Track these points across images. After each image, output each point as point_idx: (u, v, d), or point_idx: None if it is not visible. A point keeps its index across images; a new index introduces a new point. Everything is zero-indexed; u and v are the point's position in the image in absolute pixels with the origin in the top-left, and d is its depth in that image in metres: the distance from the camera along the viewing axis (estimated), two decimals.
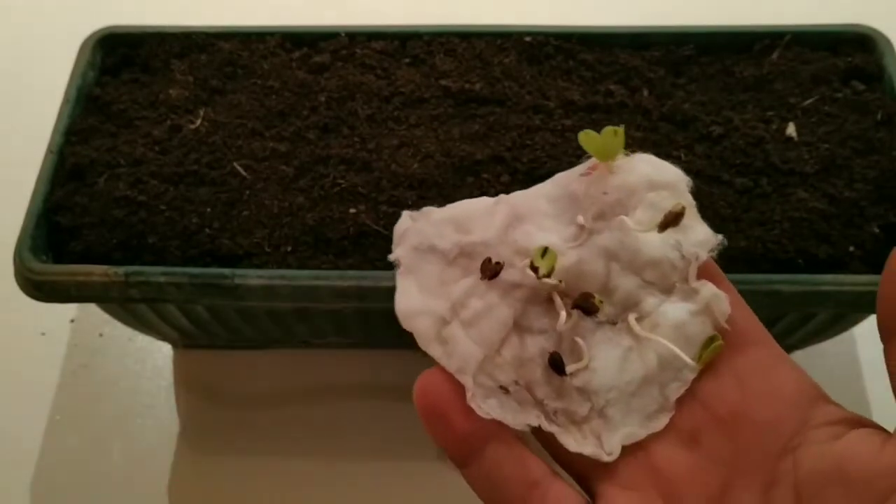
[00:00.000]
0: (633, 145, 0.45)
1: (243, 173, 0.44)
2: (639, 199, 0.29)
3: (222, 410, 0.51)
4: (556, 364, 0.28)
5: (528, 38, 0.50)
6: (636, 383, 0.28)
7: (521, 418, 0.28)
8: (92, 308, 0.49)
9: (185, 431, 0.51)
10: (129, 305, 0.45)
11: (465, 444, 0.27)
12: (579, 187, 0.29)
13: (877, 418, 0.52)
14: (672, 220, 0.29)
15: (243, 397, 0.52)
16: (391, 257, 0.29)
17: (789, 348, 0.52)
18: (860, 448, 0.25)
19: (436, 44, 0.50)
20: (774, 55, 0.49)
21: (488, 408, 0.27)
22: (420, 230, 0.30)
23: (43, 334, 0.55)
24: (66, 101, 0.48)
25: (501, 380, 0.28)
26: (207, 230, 0.43)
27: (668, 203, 0.29)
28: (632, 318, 0.28)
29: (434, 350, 0.28)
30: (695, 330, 0.28)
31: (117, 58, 0.51)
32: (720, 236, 0.29)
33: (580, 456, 0.28)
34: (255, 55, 0.50)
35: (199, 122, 0.47)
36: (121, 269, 0.41)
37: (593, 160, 0.30)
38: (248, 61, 0.49)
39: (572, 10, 0.70)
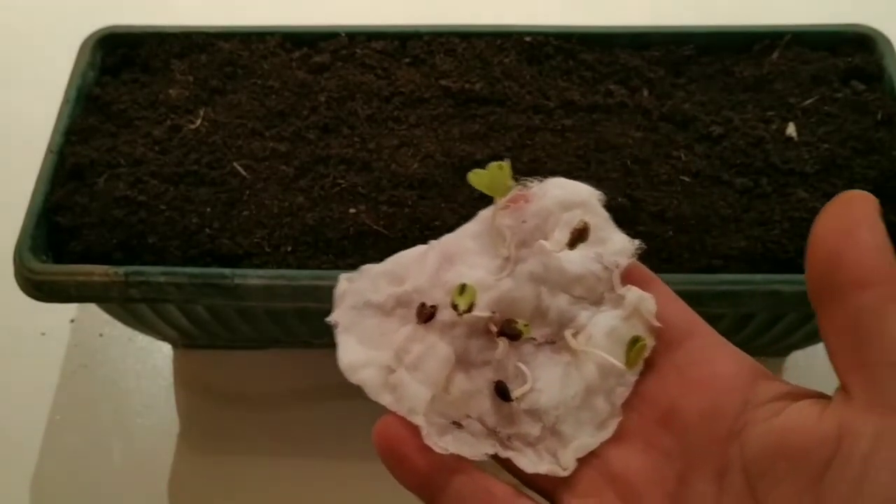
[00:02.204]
0: (632, 145, 0.45)
1: (243, 173, 0.44)
2: (555, 221, 0.30)
3: (222, 410, 0.51)
4: (501, 392, 0.29)
5: (528, 38, 0.50)
6: (580, 396, 0.29)
7: (478, 449, 0.29)
8: (92, 308, 0.49)
9: (185, 431, 0.51)
10: (129, 305, 0.45)
11: (429, 481, 0.28)
12: (500, 221, 0.31)
13: None
14: (578, 236, 0.30)
15: (243, 397, 0.52)
16: (328, 320, 0.30)
17: (789, 348, 0.52)
18: (799, 420, 0.25)
19: (436, 44, 0.50)
20: (774, 55, 0.49)
21: (444, 444, 0.28)
22: (356, 290, 0.31)
23: (43, 334, 0.55)
24: (66, 101, 0.48)
25: (453, 416, 0.29)
26: (207, 230, 0.43)
27: (584, 220, 0.30)
28: (567, 333, 0.30)
29: (384, 398, 0.29)
30: (627, 334, 0.29)
31: (117, 58, 0.51)
32: (637, 241, 0.30)
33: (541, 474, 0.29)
34: (255, 55, 0.50)
35: (199, 122, 0.47)
36: (121, 269, 0.41)
37: (513, 193, 0.31)
38: (248, 61, 0.49)
39: (572, 10, 0.70)
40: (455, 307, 0.29)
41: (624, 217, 0.43)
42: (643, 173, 0.44)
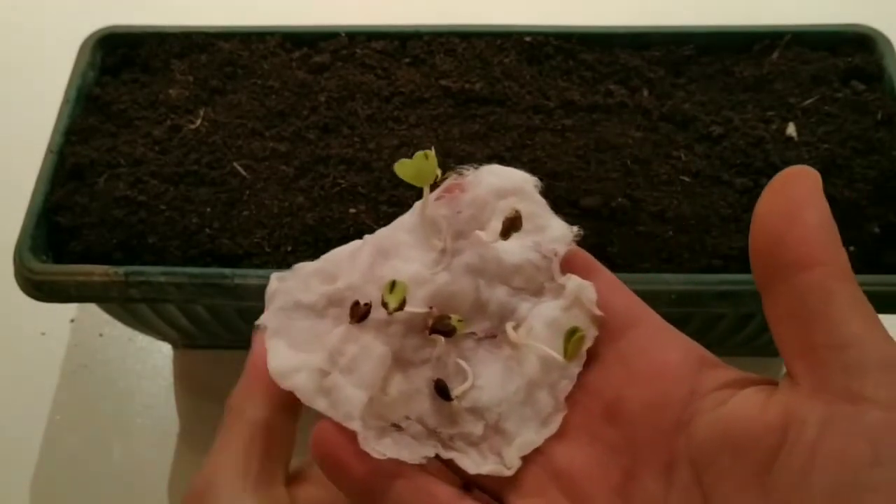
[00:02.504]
0: (632, 145, 0.45)
1: (243, 173, 0.44)
2: (491, 210, 0.29)
3: (222, 410, 0.51)
4: (441, 391, 0.28)
5: (528, 38, 0.50)
6: (523, 391, 0.28)
7: (418, 452, 0.28)
8: (92, 308, 0.49)
9: (185, 431, 0.51)
10: (129, 305, 0.45)
11: (369, 487, 0.28)
12: (435, 212, 0.29)
13: None
14: (510, 225, 0.29)
15: None
16: (257, 322, 0.29)
17: None
18: (745, 409, 0.25)
19: (436, 44, 0.50)
20: (774, 55, 0.49)
21: (383, 448, 0.27)
22: (286, 289, 0.30)
23: (43, 334, 0.55)
24: (66, 101, 0.48)
25: (392, 417, 0.28)
26: (207, 230, 0.43)
27: (519, 208, 0.29)
28: (508, 326, 0.29)
29: (319, 403, 0.28)
30: (568, 324, 0.28)
31: (117, 58, 0.51)
32: (575, 228, 0.29)
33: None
34: (255, 55, 0.50)
35: (199, 122, 0.47)
36: (121, 269, 0.41)
37: (447, 183, 0.30)
38: (248, 61, 0.49)
39: (572, 10, 0.70)
40: (385, 305, 0.28)
41: (624, 217, 0.43)
42: (643, 173, 0.44)
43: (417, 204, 0.30)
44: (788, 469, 0.23)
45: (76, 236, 0.43)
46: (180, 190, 0.44)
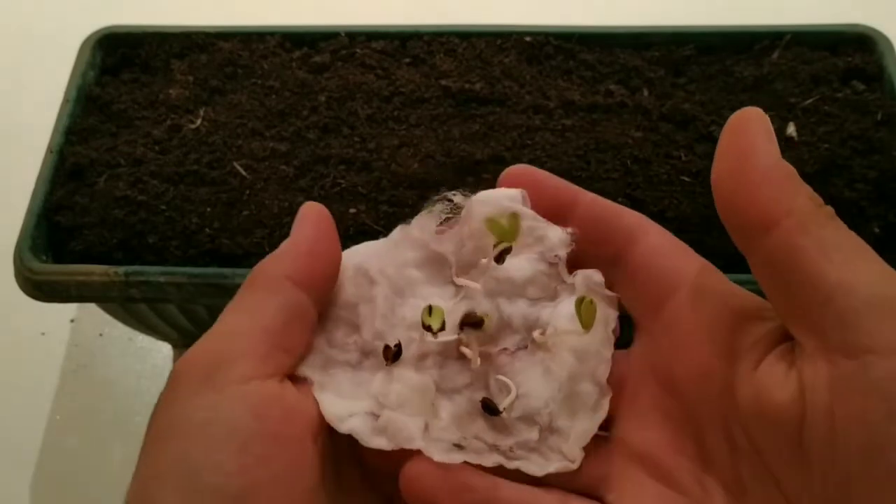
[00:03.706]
0: (632, 145, 0.45)
1: (243, 173, 0.44)
2: (489, 236, 0.30)
3: None
4: (488, 408, 0.29)
5: (528, 38, 0.50)
6: (566, 386, 0.29)
7: (488, 461, 0.29)
8: (92, 308, 0.49)
9: None
10: (129, 305, 0.45)
11: None
12: (440, 247, 0.31)
13: None
14: (499, 257, 0.30)
15: None
16: (299, 373, 0.29)
17: None
18: (770, 381, 0.24)
19: (436, 44, 0.50)
20: (774, 55, 0.49)
21: (453, 459, 0.28)
22: (313, 346, 0.30)
23: (43, 334, 0.55)
24: (66, 101, 0.48)
25: (451, 438, 0.29)
26: (207, 230, 0.43)
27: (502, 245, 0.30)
28: (535, 333, 0.30)
29: (377, 442, 0.28)
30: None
31: (117, 58, 0.51)
32: (570, 229, 0.30)
33: (578, 475, 0.29)
34: (255, 55, 0.50)
35: (199, 122, 0.47)
36: (121, 269, 0.41)
37: (438, 212, 0.31)
38: (248, 61, 0.49)
39: (572, 10, 0.70)
40: (429, 328, 0.29)
41: None
42: (643, 173, 0.44)
43: (412, 236, 0.31)
44: (815, 440, 0.23)
45: (76, 236, 0.43)
46: (180, 190, 0.44)
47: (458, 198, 0.31)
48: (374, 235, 0.42)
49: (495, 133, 0.46)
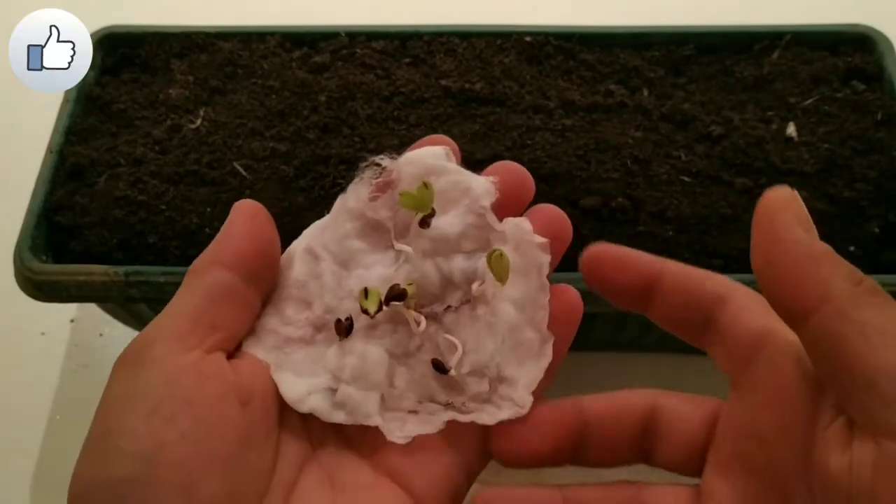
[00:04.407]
0: (632, 145, 0.45)
1: (243, 173, 0.44)
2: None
3: None
4: (438, 367, 0.30)
5: (528, 38, 0.50)
6: (509, 337, 0.30)
7: (437, 422, 0.30)
8: (92, 308, 0.49)
9: None
10: (129, 305, 0.45)
11: None
12: (376, 214, 0.31)
13: None
14: (422, 222, 0.31)
15: None
16: (256, 355, 0.30)
17: None
18: (830, 446, 0.24)
19: (436, 44, 0.50)
20: (774, 55, 0.49)
21: (406, 432, 0.30)
22: (265, 326, 0.31)
23: (43, 334, 0.55)
24: (66, 101, 0.48)
25: (407, 406, 0.30)
26: (207, 230, 0.43)
27: (443, 185, 0.31)
28: (475, 286, 0.30)
29: (338, 417, 0.30)
30: (522, 262, 0.31)
31: (117, 58, 0.51)
32: (492, 178, 0.31)
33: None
34: (255, 55, 0.50)
35: (199, 121, 0.47)
36: (121, 269, 0.41)
37: (368, 177, 0.32)
38: (248, 61, 0.49)
39: (572, 10, 0.70)
40: (366, 312, 0.30)
41: (624, 217, 0.43)
42: (643, 173, 0.44)
43: (348, 205, 0.32)
44: None
45: (76, 236, 0.43)
46: (180, 190, 0.44)
47: (385, 161, 0.32)
48: None
49: (495, 133, 0.46)
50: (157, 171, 0.44)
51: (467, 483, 0.31)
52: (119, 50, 0.51)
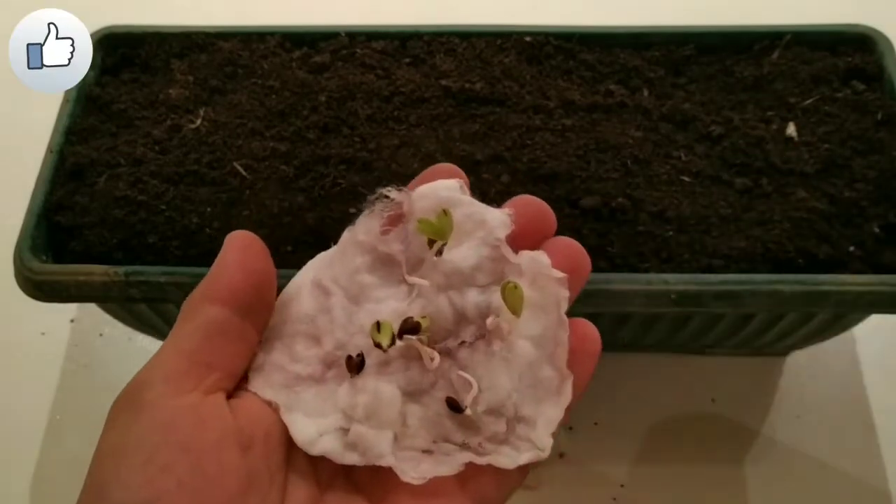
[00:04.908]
0: (632, 145, 0.45)
1: (243, 173, 0.44)
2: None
3: None
4: (453, 406, 0.29)
5: (528, 38, 0.50)
6: (526, 375, 0.29)
7: (455, 464, 0.29)
8: (92, 308, 0.49)
9: None
10: (129, 305, 0.45)
11: None
12: (388, 248, 0.31)
13: (877, 418, 0.53)
14: (433, 247, 0.30)
15: None
16: (267, 399, 0.29)
17: (789, 348, 0.52)
18: None
19: (436, 44, 0.50)
20: (774, 55, 0.49)
21: (422, 472, 0.28)
22: (275, 363, 0.30)
23: (43, 334, 0.55)
24: (66, 100, 0.48)
25: (420, 445, 0.29)
26: (207, 230, 0.43)
27: (457, 217, 0.30)
28: (489, 321, 0.29)
29: (350, 458, 0.29)
30: (539, 297, 0.30)
31: (117, 58, 0.51)
32: (507, 209, 0.30)
33: None
34: (255, 55, 0.50)
35: (199, 121, 0.47)
36: (121, 269, 0.41)
37: (378, 209, 0.31)
38: (248, 61, 0.49)
39: (572, 10, 0.70)
40: (379, 346, 0.29)
41: (624, 217, 0.43)
42: (643, 173, 0.44)
43: (358, 239, 0.31)
44: None
45: (76, 236, 0.43)
46: (180, 190, 0.44)
47: (394, 193, 0.31)
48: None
49: (495, 133, 0.46)
50: (157, 171, 0.44)
51: None
52: (119, 50, 0.51)
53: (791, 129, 0.46)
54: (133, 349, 0.54)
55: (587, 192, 0.43)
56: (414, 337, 0.29)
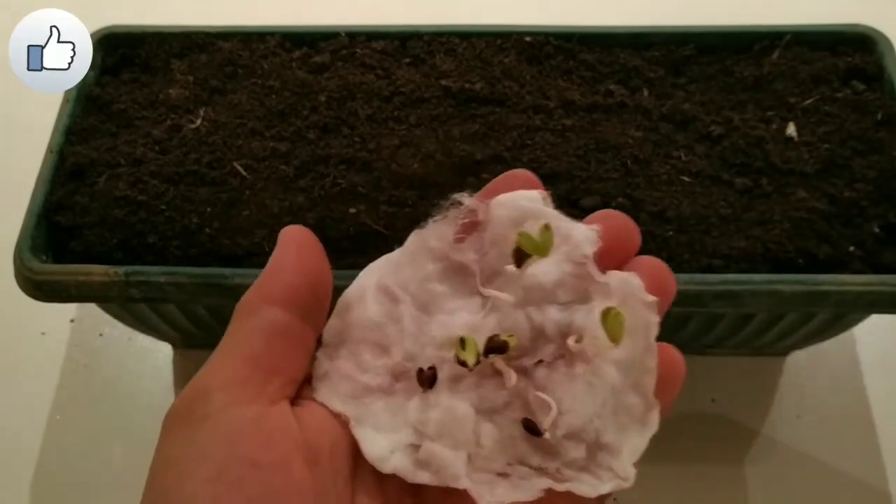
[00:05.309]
0: (632, 145, 0.45)
1: (243, 173, 0.44)
2: (513, 241, 0.29)
3: None
4: (530, 428, 0.28)
5: (528, 38, 0.50)
6: (610, 400, 0.28)
7: (533, 489, 0.27)
8: (92, 308, 0.49)
9: None
10: (129, 305, 0.45)
11: None
12: (462, 257, 0.29)
13: (877, 418, 0.53)
14: (518, 257, 0.28)
15: None
16: (336, 410, 0.28)
17: (789, 348, 0.52)
18: None
19: (436, 44, 0.50)
20: (774, 55, 0.49)
21: (499, 497, 0.27)
22: (340, 370, 0.29)
23: (43, 334, 0.55)
24: (66, 100, 0.48)
25: (495, 468, 0.28)
26: (207, 230, 0.43)
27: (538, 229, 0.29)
28: (570, 341, 0.28)
29: (422, 477, 0.27)
30: (628, 320, 0.28)
31: (117, 58, 0.51)
32: (595, 226, 0.29)
33: None
34: (255, 55, 0.50)
35: (199, 121, 0.47)
36: (121, 269, 0.41)
37: (452, 215, 0.29)
38: (248, 61, 0.49)
39: (572, 10, 0.70)
40: (464, 364, 0.27)
41: None
42: (643, 173, 0.44)
43: (428, 245, 0.30)
44: None
45: (76, 236, 0.43)
46: (180, 190, 0.44)
47: (468, 200, 0.29)
48: (374, 235, 0.42)
49: (495, 133, 0.46)
50: (157, 171, 0.44)
51: None
52: (119, 50, 0.51)
53: (791, 129, 0.46)
54: (133, 349, 0.54)
55: (587, 192, 0.43)
56: (500, 356, 0.28)
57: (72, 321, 0.55)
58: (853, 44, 0.49)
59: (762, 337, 0.48)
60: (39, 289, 0.41)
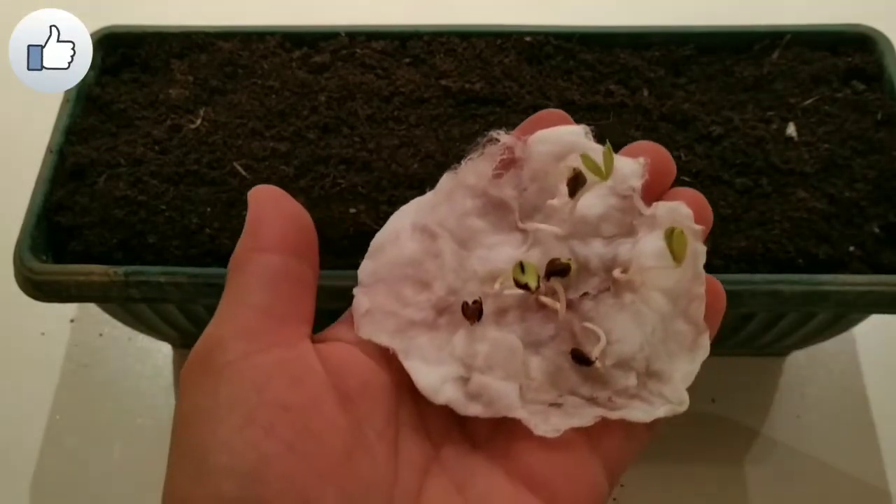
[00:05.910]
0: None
1: (243, 173, 0.44)
2: (555, 176, 0.29)
3: None
4: (580, 358, 0.28)
5: (528, 38, 0.50)
6: (659, 328, 0.28)
7: (587, 416, 0.27)
8: (92, 308, 0.49)
9: None
10: (129, 305, 0.45)
11: None
12: (500, 193, 0.29)
13: (877, 418, 0.53)
14: (574, 185, 0.28)
15: None
16: (384, 344, 0.28)
17: (789, 348, 0.52)
18: None
19: (436, 44, 0.50)
20: (774, 55, 0.49)
21: (555, 425, 0.27)
22: (382, 307, 0.29)
23: (43, 334, 0.55)
24: (66, 100, 0.48)
25: (547, 399, 0.28)
26: (207, 230, 0.43)
27: (573, 168, 0.29)
28: (617, 272, 0.28)
29: (474, 409, 0.27)
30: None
31: (117, 58, 0.51)
32: (641, 159, 0.29)
33: None
34: (255, 55, 0.50)
35: (199, 121, 0.47)
36: (121, 269, 0.41)
37: (489, 152, 0.29)
38: (248, 61, 0.49)
39: (572, 10, 0.70)
40: (525, 287, 0.27)
41: None
42: None
43: (448, 178, 0.29)
44: None
45: (76, 236, 0.43)
46: (180, 190, 0.44)
47: (504, 137, 0.29)
48: (375, 235, 0.42)
49: None
50: (157, 171, 0.44)
51: (609, 497, 0.28)
52: (119, 50, 0.51)
53: (791, 129, 0.46)
54: (133, 349, 0.54)
55: None
56: (559, 279, 0.27)
57: (72, 321, 0.55)
58: (853, 44, 0.49)
59: (762, 337, 0.47)
60: (39, 289, 0.41)
